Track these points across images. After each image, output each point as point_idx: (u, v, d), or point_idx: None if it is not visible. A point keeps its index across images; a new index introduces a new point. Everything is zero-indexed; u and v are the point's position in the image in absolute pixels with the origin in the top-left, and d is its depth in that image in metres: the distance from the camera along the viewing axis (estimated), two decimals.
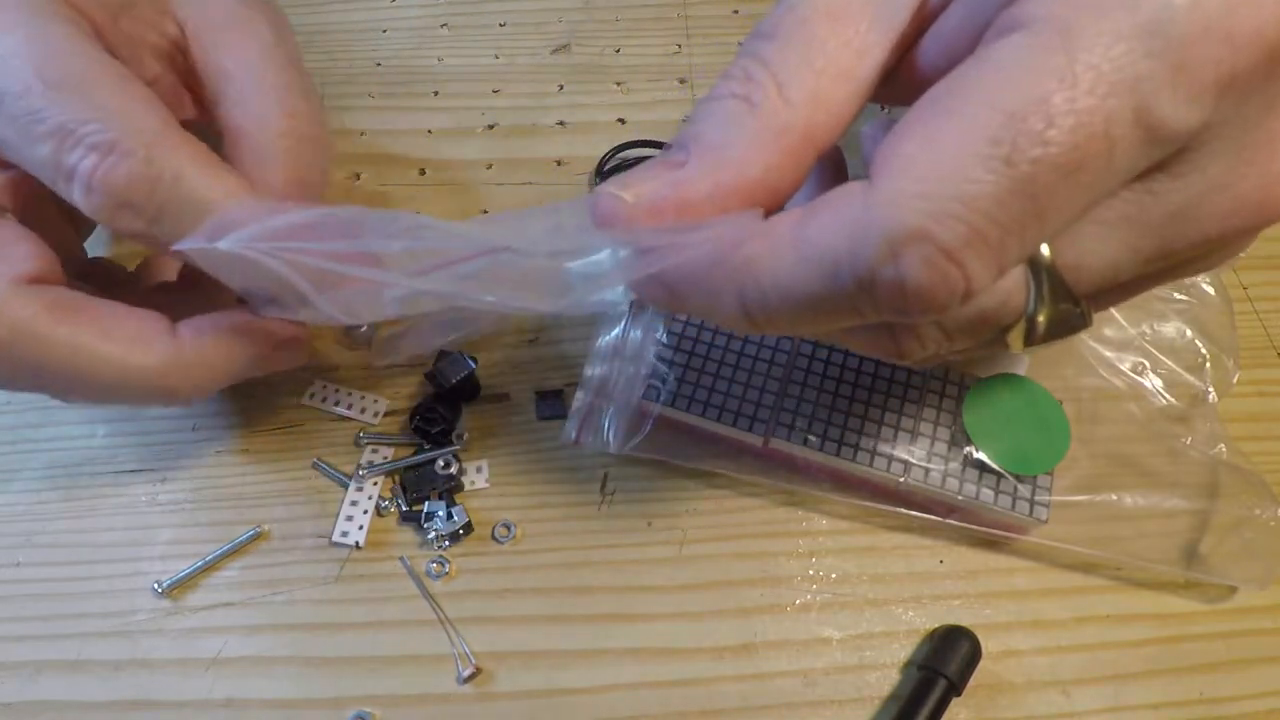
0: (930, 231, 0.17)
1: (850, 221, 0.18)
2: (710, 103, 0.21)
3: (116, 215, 0.25)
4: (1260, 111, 0.18)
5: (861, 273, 0.18)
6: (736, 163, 0.20)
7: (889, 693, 0.29)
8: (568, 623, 0.30)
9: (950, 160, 0.17)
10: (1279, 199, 0.19)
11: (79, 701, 0.29)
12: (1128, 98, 0.16)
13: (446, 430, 0.33)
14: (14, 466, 0.34)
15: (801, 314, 0.20)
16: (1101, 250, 0.19)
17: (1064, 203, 0.17)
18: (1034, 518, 0.30)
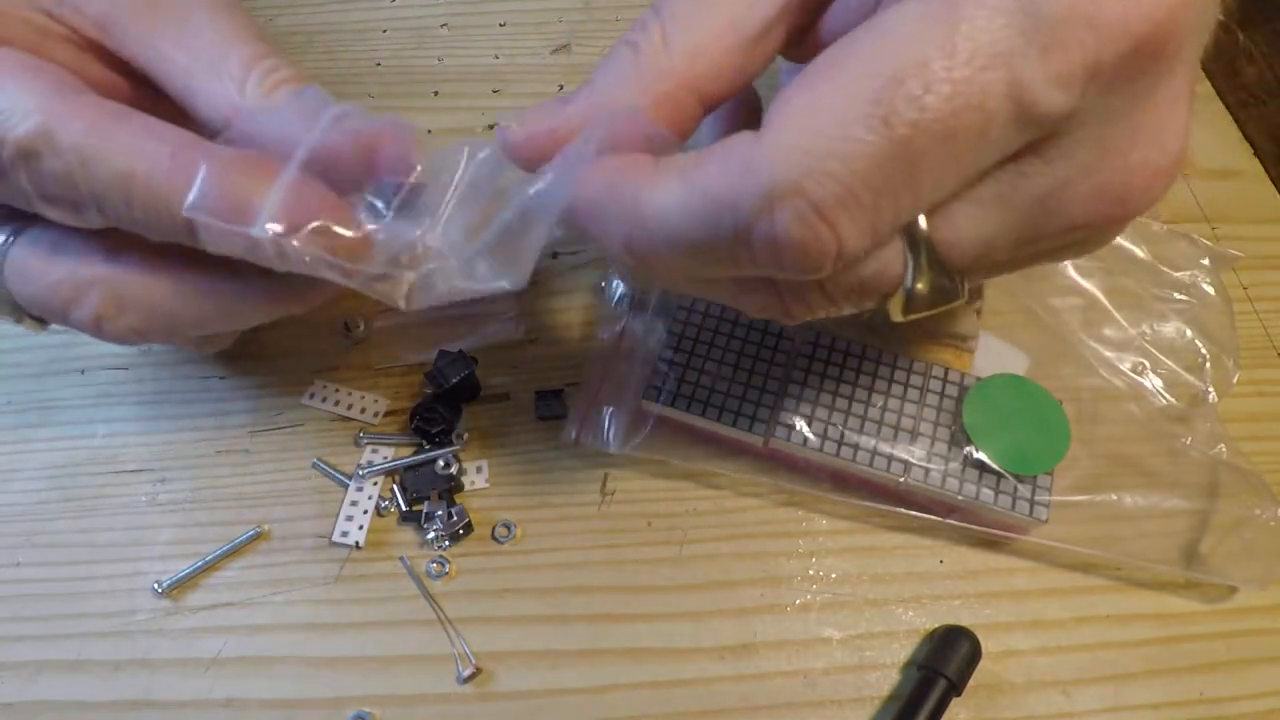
0: (805, 188, 0.17)
1: (734, 169, 0.18)
2: (611, 50, 0.22)
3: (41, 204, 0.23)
4: (1127, 105, 0.19)
5: (740, 223, 0.18)
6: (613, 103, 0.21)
7: (889, 693, 0.29)
8: (567, 623, 0.30)
9: (831, 118, 0.17)
10: (1139, 191, 0.20)
11: (79, 701, 0.29)
12: (1002, 72, 0.17)
13: (446, 430, 0.33)
14: (14, 466, 0.34)
15: (681, 257, 0.20)
16: (975, 227, 0.20)
17: (939, 171, 0.18)
18: (1034, 518, 0.30)
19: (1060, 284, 0.36)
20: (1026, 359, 0.34)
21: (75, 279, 0.25)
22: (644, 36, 0.22)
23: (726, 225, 0.18)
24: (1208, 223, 0.40)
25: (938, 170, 0.18)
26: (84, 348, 0.36)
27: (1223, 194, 0.41)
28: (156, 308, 0.25)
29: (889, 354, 0.33)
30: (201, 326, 0.27)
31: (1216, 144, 0.43)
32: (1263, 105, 0.45)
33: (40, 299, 0.26)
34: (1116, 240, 0.36)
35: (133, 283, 0.25)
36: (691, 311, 0.34)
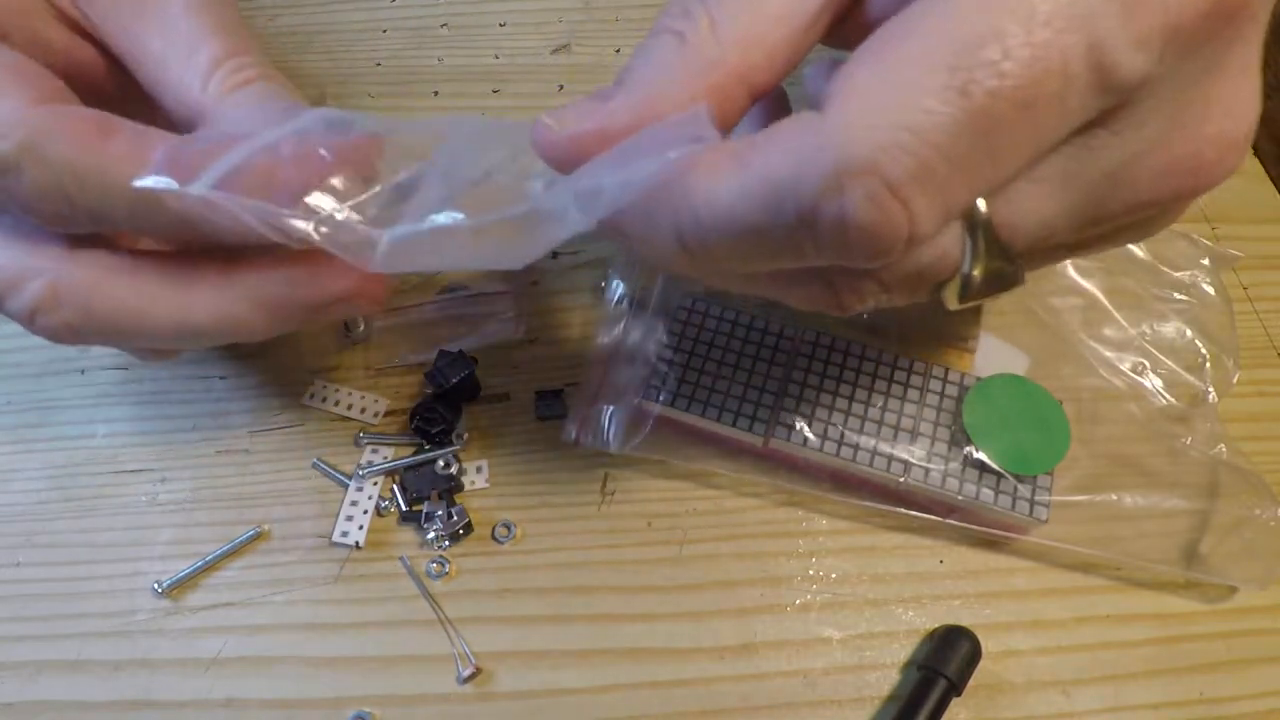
0: (878, 163, 0.16)
1: (797, 149, 0.17)
2: (647, 39, 0.20)
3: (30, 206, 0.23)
4: (1199, 72, 0.18)
5: (805, 204, 0.17)
6: (660, 98, 0.19)
7: (889, 693, 0.29)
8: (567, 623, 0.30)
9: (903, 89, 0.16)
10: (1211, 164, 0.19)
11: (79, 701, 0.29)
12: (1083, 34, 0.16)
13: (446, 430, 0.33)
14: (14, 466, 0.34)
15: (740, 248, 0.19)
16: (1037, 208, 0.19)
17: (1016, 143, 0.17)
18: (1034, 518, 0.30)
19: (1060, 284, 0.36)
20: (1026, 359, 0.34)
21: (20, 265, 0.24)
22: (689, 25, 0.20)
23: (790, 210, 0.17)
24: (1208, 223, 0.40)
25: (1014, 143, 0.17)
26: (84, 348, 0.36)
27: (1223, 194, 0.41)
28: (94, 310, 0.25)
29: (889, 354, 0.33)
30: (143, 338, 0.26)
31: None
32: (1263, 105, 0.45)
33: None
34: None
35: (79, 280, 0.24)
36: (691, 311, 0.34)
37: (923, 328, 0.34)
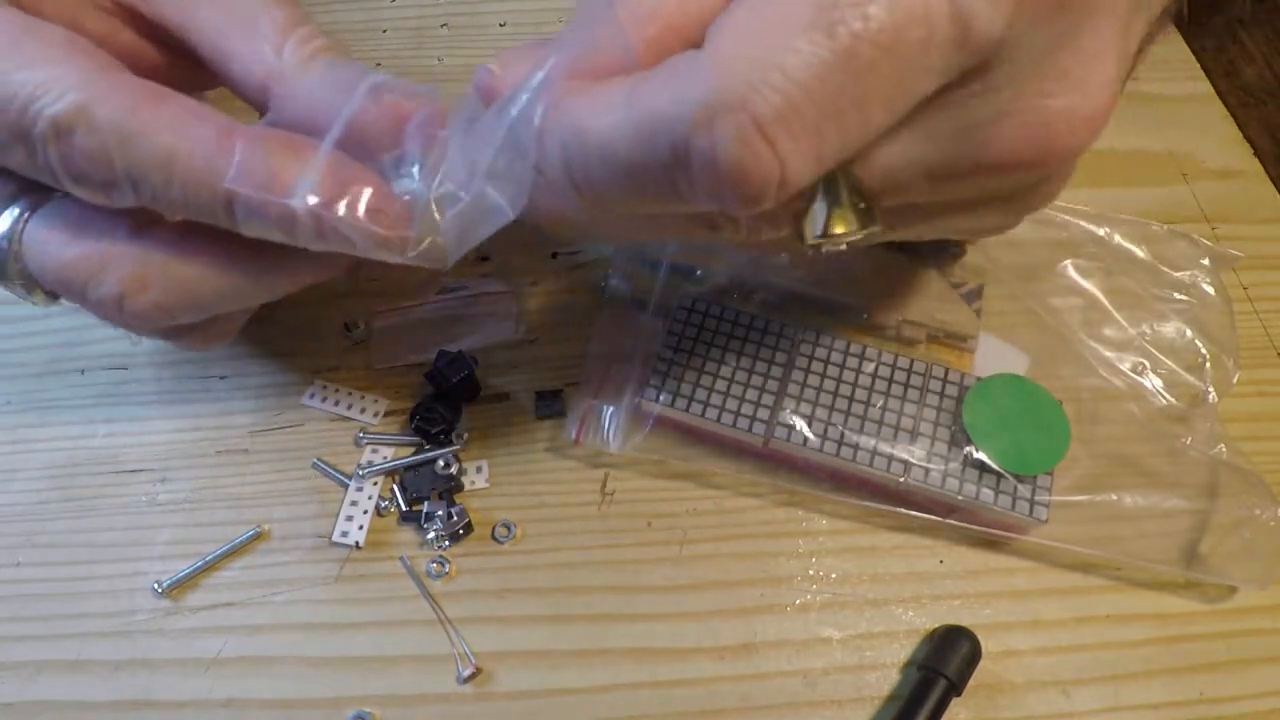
0: (746, 100, 0.17)
1: (674, 86, 0.18)
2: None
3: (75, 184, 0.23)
4: (1050, 44, 0.19)
5: (678, 139, 0.17)
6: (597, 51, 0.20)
7: (889, 693, 0.29)
8: (567, 623, 0.30)
9: (774, 28, 0.17)
10: (1062, 135, 0.20)
11: (79, 701, 0.29)
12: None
13: (446, 430, 0.33)
14: (14, 466, 0.34)
15: (621, 184, 0.19)
16: (892, 152, 0.19)
17: (883, 92, 0.17)
18: (1034, 518, 0.30)
19: (1060, 284, 0.36)
20: (1026, 359, 0.34)
21: (98, 254, 0.25)
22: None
23: (664, 145, 0.18)
24: (1208, 223, 0.40)
25: (881, 92, 0.17)
26: (84, 348, 0.36)
27: (1223, 194, 0.41)
28: (181, 283, 0.25)
29: (889, 354, 0.33)
30: (225, 301, 0.27)
31: (1216, 144, 0.43)
32: (1263, 105, 0.45)
33: (60, 275, 0.25)
34: (1116, 240, 0.36)
35: (157, 259, 0.25)
36: (691, 311, 0.34)
37: (923, 328, 0.34)
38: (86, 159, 0.22)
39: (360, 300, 0.37)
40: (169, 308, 0.25)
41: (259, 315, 0.32)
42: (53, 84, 0.22)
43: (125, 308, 0.25)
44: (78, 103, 0.22)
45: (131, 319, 0.26)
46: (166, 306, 0.25)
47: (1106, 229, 0.36)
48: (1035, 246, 0.36)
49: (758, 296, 0.36)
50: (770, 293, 0.36)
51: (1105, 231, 0.36)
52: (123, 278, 0.25)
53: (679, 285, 0.36)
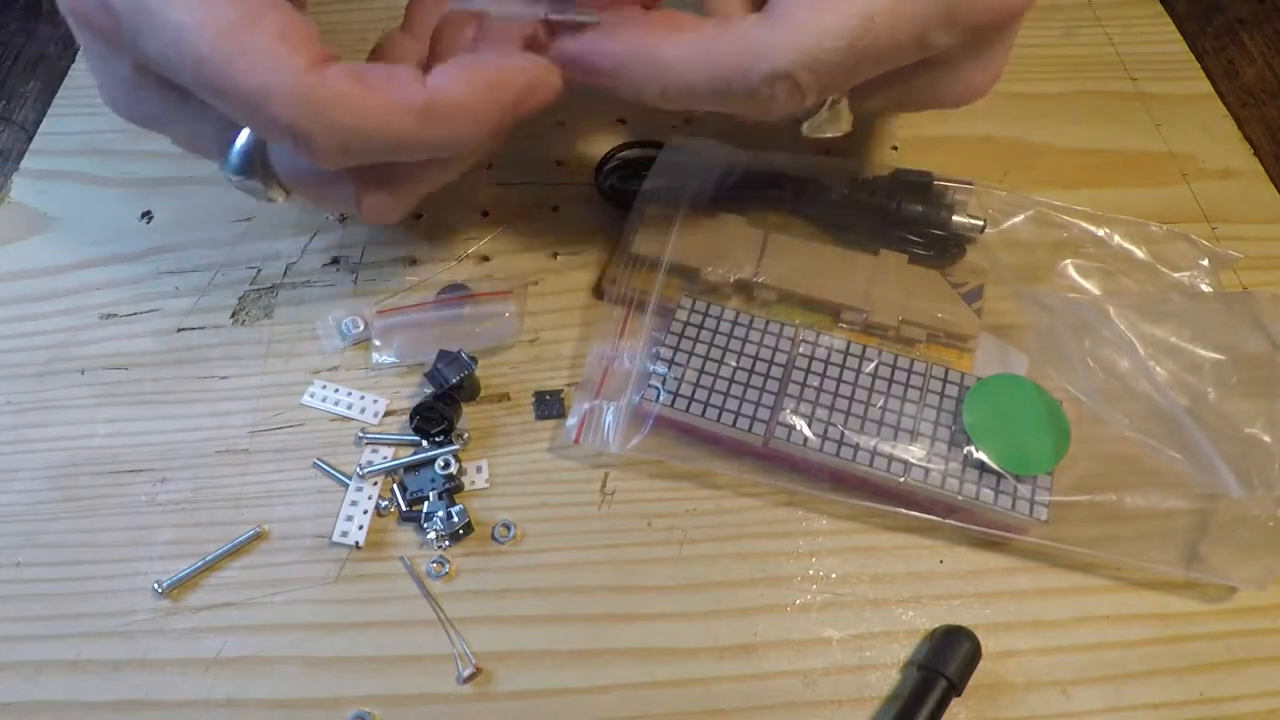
0: (797, 77, 0.25)
1: (746, 52, 0.25)
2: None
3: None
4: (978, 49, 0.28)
5: (749, 89, 0.26)
6: None
7: (889, 693, 0.29)
8: (567, 623, 0.30)
9: (821, 33, 0.25)
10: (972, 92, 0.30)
11: (79, 701, 0.29)
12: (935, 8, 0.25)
13: (446, 430, 0.33)
14: (14, 466, 0.34)
15: (699, 101, 0.27)
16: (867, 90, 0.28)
17: (872, 69, 0.26)
18: (1034, 518, 0.30)
19: (1060, 284, 0.36)
20: (1026, 359, 0.34)
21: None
22: None
23: (738, 90, 0.26)
24: (1207, 223, 0.40)
25: (872, 68, 0.26)
26: (84, 348, 0.36)
27: (1223, 194, 0.41)
28: (412, 181, 0.29)
29: (889, 354, 0.33)
30: (450, 174, 0.30)
31: (1216, 144, 0.43)
32: (1263, 105, 0.45)
33: (305, 178, 0.29)
34: (1116, 240, 0.36)
35: (402, 171, 0.29)
36: (691, 311, 0.34)
37: (923, 328, 0.34)
38: (322, 155, 0.25)
39: (360, 299, 0.37)
40: (401, 197, 0.30)
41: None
42: (278, 94, 0.24)
43: (364, 207, 0.29)
44: (311, 113, 0.24)
45: (370, 215, 0.30)
46: (400, 196, 0.30)
47: (1106, 229, 0.36)
48: (1035, 246, 0.36)
49: (758, 296, 0.36)
50: (770, 293, 0.36)
51: (1105, 232, 0.36)
52: (358, 185, 0.28)
53: (679, 285, 0.36)
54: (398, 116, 0.25)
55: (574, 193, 0.41)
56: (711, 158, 0.38)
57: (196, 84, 0.25)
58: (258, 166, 0.28)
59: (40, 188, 0.41)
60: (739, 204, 0.38)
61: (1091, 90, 0.45)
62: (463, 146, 0.27)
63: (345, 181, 0.29)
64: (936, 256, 0.37)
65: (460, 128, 0.26)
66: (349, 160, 0.26)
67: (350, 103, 0.25)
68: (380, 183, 0.29)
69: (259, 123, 0.25)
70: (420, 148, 0.26)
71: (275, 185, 0.29)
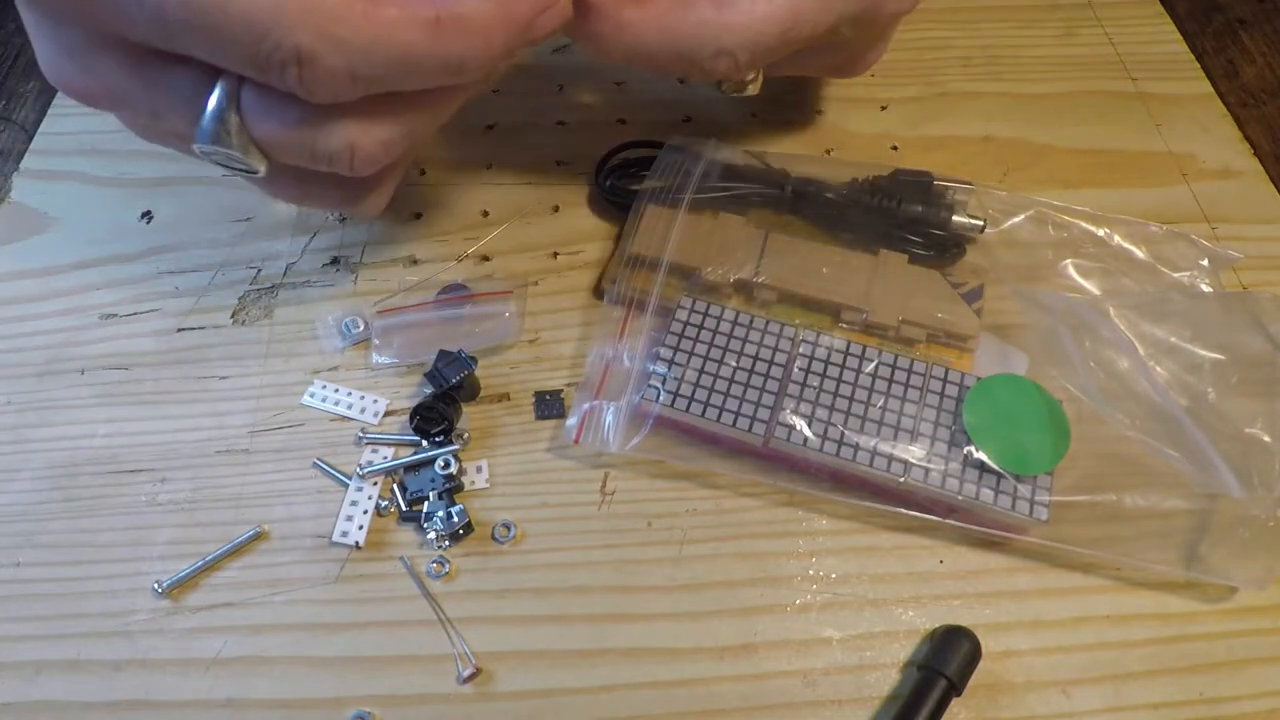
0: (738, 55, 0.30)
1: (701, 31, 0.29)
2: None
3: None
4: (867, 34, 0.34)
5: (698, 61, 0.30)
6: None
7: (889, 693, 0.29)
8: (567, 623, 0.30)
9: (763, 22, 0.29)
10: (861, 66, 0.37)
11: (79, 701, 0.29)
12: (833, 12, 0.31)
13: (446, 430, 0.33)
14: (14, 466, 0.34)
15: (653, 65, 0.30)
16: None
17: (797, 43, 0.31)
18: (1034, 518, 0.30)
19: (1060, 284, 0.36)
20: (1026, 359, 0.34)
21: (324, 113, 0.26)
22: None
23: (687, 57, 0.30)
24: (1207, 223, 0.40)
25: (793, 49, 0.31)
26: (84, 348, 0.36)
27: (1223, 194, 0.41)
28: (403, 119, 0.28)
29: (889, 354, 0.33)
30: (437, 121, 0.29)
31: (1216, 144, 0.43)
32: (1263, 105, 0.45)
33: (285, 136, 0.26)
34: (1116, 240, 0.36)
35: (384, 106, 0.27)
36: (691, 311, 0.34)
37: (923, 328, 0.34)
38: (327, 77, 0.24)
39: (361, 296, 0.37)
40: (392, 143, 0.28)
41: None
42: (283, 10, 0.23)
43: (356, 155, 0.27)
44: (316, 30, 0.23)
45: (361, 164, 0.28)
46: (391, 142, 0.28)
47: (1106, 229, 0.36)
48: (1035, 246, 0.36)
49: (758, 296, 0.36)
50: (770, 293, 0.36)
51: (1105, 232, 0.36)
52: (350, 130, 0.27)
53: (679, 285, 0.36)
54: (408, 31, 0.24)
55: (574, 193, 0.41)
56: (711, 157, 0.38)
57: (182, 23, 0.23)
58: (233, 132, 0.26)
59: (40, 188, 0.41)
60: (739, 204, 0.38)
61: (1091, 90, 0.45)
62: (472, 67, 0.26)
63: (337, 124, 0.26)
64: (936, 256, 0.37)
65: (472, 43, 0.25)
66: (352, 87, 0.25)
67: (359, 17, 0.24)
68: (376, 122, 0.27)
69: (260, 51, 0.23)
70: (431, 67, 0.25)
71: (254, 151, 0.27)
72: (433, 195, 0.41)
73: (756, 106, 0.44)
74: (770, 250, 0.36)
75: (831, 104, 0.45)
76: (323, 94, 0.25)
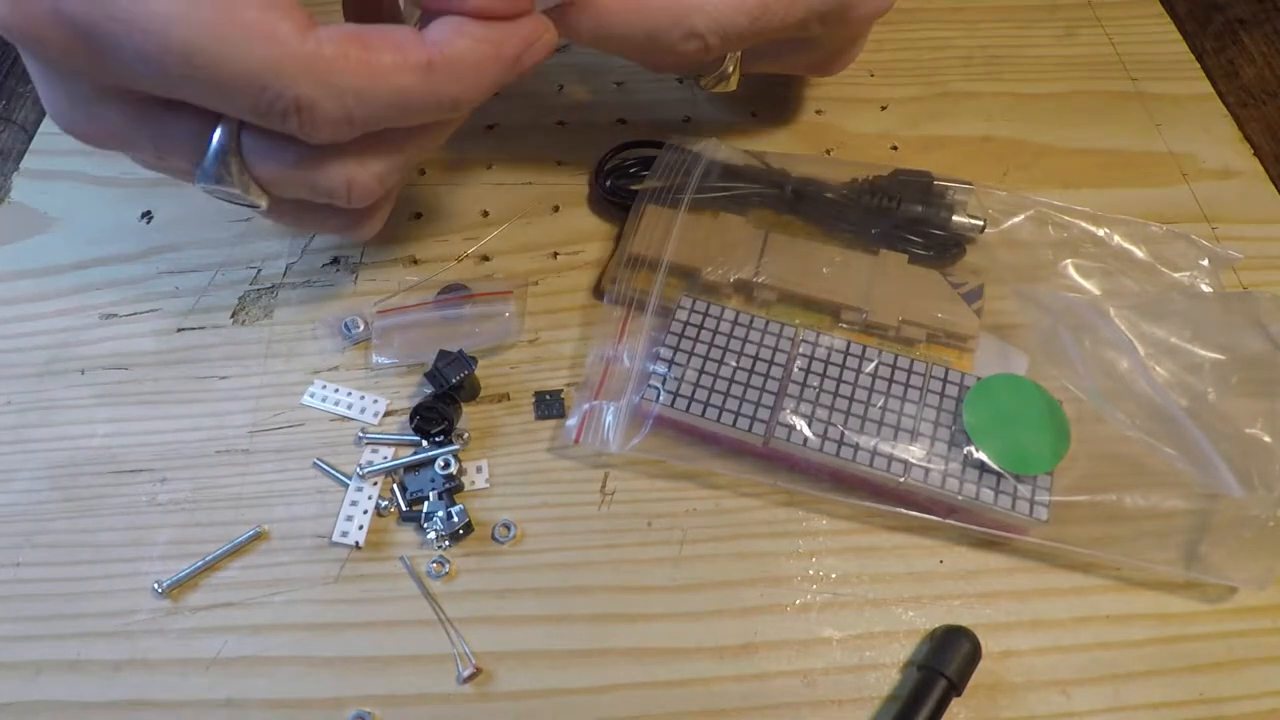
0: (708, 39, 0.31)
1: (673, 14, 0.30)
2: None
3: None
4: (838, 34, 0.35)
5: (669, 43, 0.31)
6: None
7: (889, 693, 0.29)
8: (568, 623, 0.30)
9: (733, 9, 0.30)
10: (836, 67, 0.38)
11: (79, 701, 0.29)
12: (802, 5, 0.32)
13: (446, 430, 0.33)
14: (14, 466, 0.34)
15: (626, 48, 0.31)
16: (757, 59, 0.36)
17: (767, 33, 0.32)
18: (1034, 518, 0.30)
19: (1060, 284, 0.36)
20: (1026, 359, 0.34)
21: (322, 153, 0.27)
22: None
23: (660, 41, 0.31)
24: (1207, 223, 0.40)
25: (763, 39, 0.32)
26: (84, 348, 0.36)
27: (1223, 194, 0.41)
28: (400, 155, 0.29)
29: (889, 354, 0.33)
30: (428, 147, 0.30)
31: (1216, 144, 0.43)
32: (1263, 105, 0.45)
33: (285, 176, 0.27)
34: (1116, 240, 0.36)
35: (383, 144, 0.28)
36: (691, 311, 0.34)
37: (923, 328, 0.34)
38: (326, 122, 0.25)
39: (360, 299, 0.37)
40: (388, 176, 0.29)
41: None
42: (282, 65, 0.23)
43: (354, 189, 0.28)
44: (314, 80, 0.24)
45: (359, 197, 0.28)
46: (386, 175, 0.29)
47: (1106, 229, 0.36)
48: (1035, 246, 0.36)
49: (758, 296, 0.36)
50: (770, 293, 0.36)
51: (1105, 232, 0.36)
52: (348, 167, 0.27)
53: (679, 285, 0.36)
54: (403, 76, 0.25)
55: (574, 193, 0.41)
56: (711, 157, 0.38)
57: (184, 78, 0.24)
58: (234, 171, 0.27)
59: (40, 188, 0.41)
60: (739, 204, 0.38)
61: (1091, 90, 0.45)
62: (465, 104, 0.27)
63: (335, 162, 0.27)
64: (936, 256, 0.37)
65: (465, 83, 0.26)
66: (350, 129, 0.26)
67: (353, 65, 0.24)
68: (372, 157, 0.28)
69: (261, 101, 0.24)
70: (424, 106, 0.26)
71: (254, 189, 0.28)
72: (433, 195, 0.41)
73: (757, 106, 0.44)
74: (770, 250, 0.36)
75: (831, 104, 0.45)
76: (321, 137, 0.25)
